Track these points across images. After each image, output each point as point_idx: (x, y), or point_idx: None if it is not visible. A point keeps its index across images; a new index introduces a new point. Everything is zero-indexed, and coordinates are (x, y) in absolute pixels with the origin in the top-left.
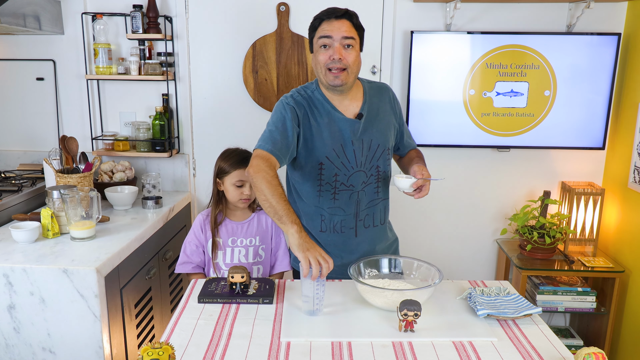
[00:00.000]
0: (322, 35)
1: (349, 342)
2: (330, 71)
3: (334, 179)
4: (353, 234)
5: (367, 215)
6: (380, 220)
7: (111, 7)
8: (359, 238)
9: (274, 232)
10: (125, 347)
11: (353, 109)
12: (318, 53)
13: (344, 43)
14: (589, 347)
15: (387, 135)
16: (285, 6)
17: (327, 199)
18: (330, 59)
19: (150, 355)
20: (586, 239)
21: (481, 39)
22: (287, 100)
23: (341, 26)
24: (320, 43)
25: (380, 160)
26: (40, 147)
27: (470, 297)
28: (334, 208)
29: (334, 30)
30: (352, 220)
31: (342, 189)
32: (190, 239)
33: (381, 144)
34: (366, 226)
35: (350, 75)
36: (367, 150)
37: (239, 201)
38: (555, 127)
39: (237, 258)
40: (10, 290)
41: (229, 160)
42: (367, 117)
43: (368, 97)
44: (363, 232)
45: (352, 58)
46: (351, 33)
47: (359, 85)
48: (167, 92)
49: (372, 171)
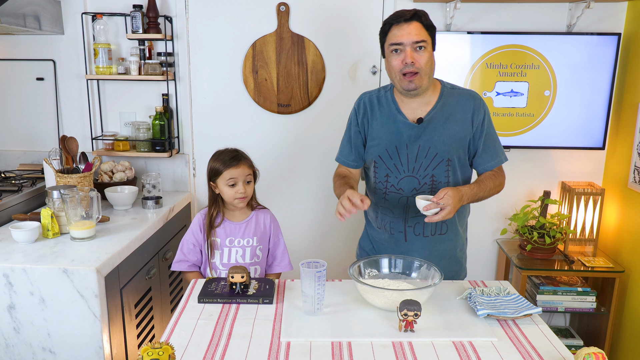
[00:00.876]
0: (392, 42)
1: (349, 342)
2: (404, 76)
3: (385, 179)
4: (402, 238)
5: (418, 223)
6: (432, 231)
7: (111, 7)
8: (409, 244)
9: (272, 232)
10: (125, 347)
11: (420, 113)
12: (390, 58)
13: (415, 46)
14: (589, 347)
15: (452, 145)
16: (285, 6)
17: (380, 197)
18: (402, 63)
19: (150, 355)
20: (586, 239)
21: (481, 39)
22: (356, 102)
23: (411, 30)
24: (392, 49)
25: (437, 170)
26: (40, 147)
27: (470, 297)
28: (384, 208)
29: (404, 36)
30: (400, 224)
31: (392, 190)
32: (188, 238)
33: (440, 152)
34: (416, 234)
35: (424, 77)
36: (423, 157)
37: (235, 200)
38: (555, 127)
39: (234, 258)
40: (10, 290)
41: (219, 161)
42: (430, 123)
43: (441, 103)
44: (413, 239)
45: (424, 60)
46: (421, 36)
47: (437, 88)
48: (167, 92)
49: (425, 179)
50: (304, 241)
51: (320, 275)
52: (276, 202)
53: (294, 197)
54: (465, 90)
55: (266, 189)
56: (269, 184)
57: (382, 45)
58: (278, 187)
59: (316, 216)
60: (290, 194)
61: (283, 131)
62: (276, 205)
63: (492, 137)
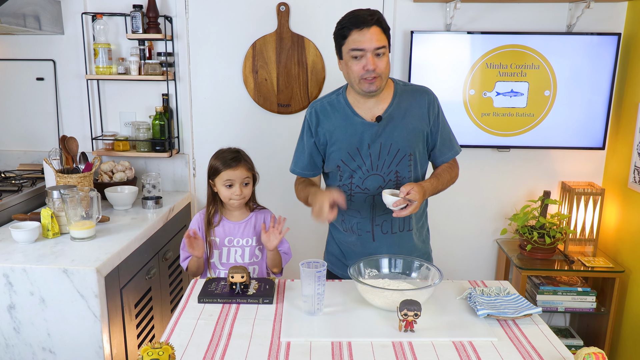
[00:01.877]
0: (354, 47)
1: (349, 342)
2: (364, 80)
3: (350, 181)
4: (370, 238)
5: (385, 221)
6: (400, 227)
7: (111, 7)
8: (377, 243)
9: None
10: (125, 347)
11: (376, 112)
12: (350, 63)
13: (376, 52)
14: (589, 347)
15: (412, 140)
16: (285, 6)
17: (345, 199)
18: (364, 69)
19: (150, 355)
20: (586, 239)
21: (481, 39)
22: (306, 113)
23: (372, 36)
24: (352, 54)
25: (400, 166)
26: (40, 147)
27: (470, 297)
28: (350, 210)
29: (365, 42)
30: (368, 224)
31: (357, 191)
32: None
33: (402, 148)
34: (384, 232)
35: (384, 79)
36: (386, 155)
37: (231, 201)
38: (555, 127)
39: (233, 258)
40: (10, 290)
41: (219, 161)
42: (389, 120)
43: (396, 100)
44: (381, 237)
45: (384, 65)
46: (382, 41)
47: (390, 86)
48: (167, 92)
49: (390, 176)
50: (303, 241)
51: (321, 275)
52: (276, 202)
53: (294, 198)
54: (418, 87)
55: (266, 189)
56: (269, 184)
57: (339, 47)
58: (278, 187)
59: None
60: (290, 194)
61: (283, 131)
62: (275, 205)
63: (447, 130)
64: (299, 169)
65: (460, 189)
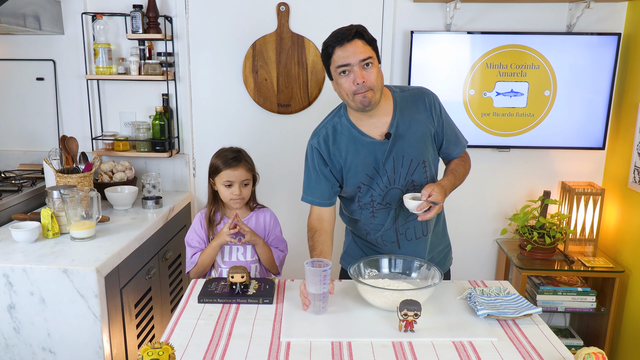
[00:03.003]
0: (339, 64)
1: (349, 342)
2: (356, 95)
3: (370, 199)
4: (396, 247)
5: (408, 229)
6: (422, 232)
7: (111, 7)
8: (403, 250)
9: (271, 229)
10: (125, 347)
11: (381, 127)
12: (340, 80)
13: (363, 64)
14: (589, 347)
15: (422, 147)
16: (285, 6)
17: (367, 216)
18: (354, 84)
19: (150, 355)
20: (586, 239)
21: (481, 39)
22: (312, 142)
23: (355, 49)
24: (339, 71)
25: (416, 174)
26: (40, 147)
27: (470, 297)
28: (374, 225)
29: (349, 57)
30: (392, 235)
31: (379, 207)
32: (192, 237)
33: (415, 158)
34: (409, 239)
35: (377, 92)
36: (400, 167)
37: (230, 201)
38: (555, 127)
39: (235, 256)
40: (10, 290)
41: (219, 160)
42: (397, 134)
43: (398, 111)
44: (406, 244)
45: (373, 76)
46: (367, 53)
47: (388, 97)
48: (167, 92)
49: (407, 186)
50: (304, 241)
51: (326, 274)
52: (276, 202)
53: (294, 197)
54: (415, 89)
55: (266, 189)
56: (269, 184)
57: (328, 67)
58: (278, 187)
59: None
60: (290, 193)
61: (283, 131)
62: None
63: (451, 125)
64: (317, 200)
65: (461, 189)
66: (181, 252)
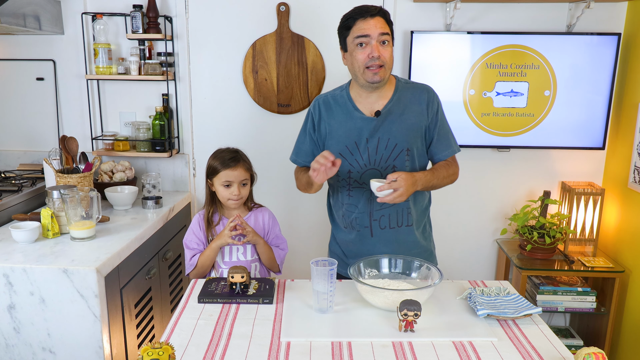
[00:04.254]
0: (359, 34)
1: (349, 342)
2: (368, 69)
3: (348, 175)
4: (368, 234)
5: (383, 217)
6: (399, 222)
7: (111, 7)
8: (375, 239)
9: (270, 228)
10: (125, 347)
11: (377, 107)
12: (355, 52)
13: (381, 39)
14: (589, 347)
15: (410, 135)
16: (285, 6)
17: (344, 194)
18: (369, 57)
19: (150, 355)
20: (586, 239)
21: (481, 39)
22: (312, 104)
23: (377, 23)
24: (357, 42)
25: (398, 161)
26: (40, 147)
27: (470, 297)
28: (349, 205)
29: (370, 29)
30: (366, 219)
31: (355, 185)
32: (190, 238)
33: (400, 143)
34: (382, 227)
35: (387, 70)
36: (384, 149)
37: (229, 201)
38: (555, 127)
39: (235, 256)
40: (10, 290)
41: (217, 160)
42: (388, 116)
43: (397, 96)
44: (379, 232)
45: (388, 54)
46: (386, 29)
47: (392, 82)
48: (167, 92)
49: (388, 171)
50: (304, 241)
51: (333, 273)
52: (276, 202)
53: (294, 197)
54: (420, 84)
55: (266, 189)
56: (269, 184)
57: (344, 39)
58: (277, 187)
59: (316, 216)
60: (290, 193)
61: (283, 131)
62: (276, 205)
63: (445, 128)
64: (300, 160)
65: (460, 189)
66: (181, 252)
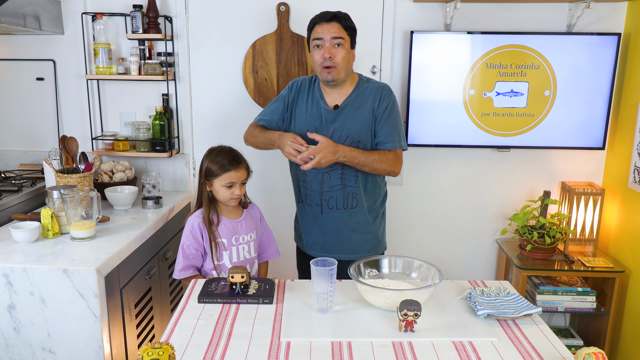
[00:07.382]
0: (314, 37)
1: (349, 342)
2: (324, 69)
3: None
4: (319, 211)
5: (331, 198)
6: (344, 205)
7: (111, 7)
8: (325, 216)
9: (260, 222)
10: (125, 347)
11: (338, 101)
12: (313, 52)
13: (334, 42)
14: (589, 347)
15: (361, 129)
16: (285, 6)
17: (301, 172)
18: (322, 57)
19: (150, 355)
20: (586, 239)
21: (481, 39)
22: (295, 81)
23: (330, 28)
24: (314, 44)
25: None
26: (40, 147)
27: (470, 297)
28: (304, 182)
29: (324, 33)
30: (317, 197)
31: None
32: (188, 243)
33: (351, 135)
34: (330, 207)
35: (341, 71)
36: (337, 139)
37: (230, 200)
38: (555, 127)
39: (242, 255)
40: (10, 290)
41: (217, 162)
42: (344, 110)
43: (355, 93)
44: (327, 211)
45: (340, 56)
46: (340, 34)
47: (355, 80)
48: (167, 92)
49: None
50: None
51: (333, 273)
52: (275, 202)
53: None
54: (378, 83)
55: (265, 189)
56: (268, 184)
57: (308, 40)
58: (277, 188)
59: None
60: (290, 194)
61: None
62: (275, 205)
63: (393, 124)
64: (266, 117)
65: (460, 189)
66: None
